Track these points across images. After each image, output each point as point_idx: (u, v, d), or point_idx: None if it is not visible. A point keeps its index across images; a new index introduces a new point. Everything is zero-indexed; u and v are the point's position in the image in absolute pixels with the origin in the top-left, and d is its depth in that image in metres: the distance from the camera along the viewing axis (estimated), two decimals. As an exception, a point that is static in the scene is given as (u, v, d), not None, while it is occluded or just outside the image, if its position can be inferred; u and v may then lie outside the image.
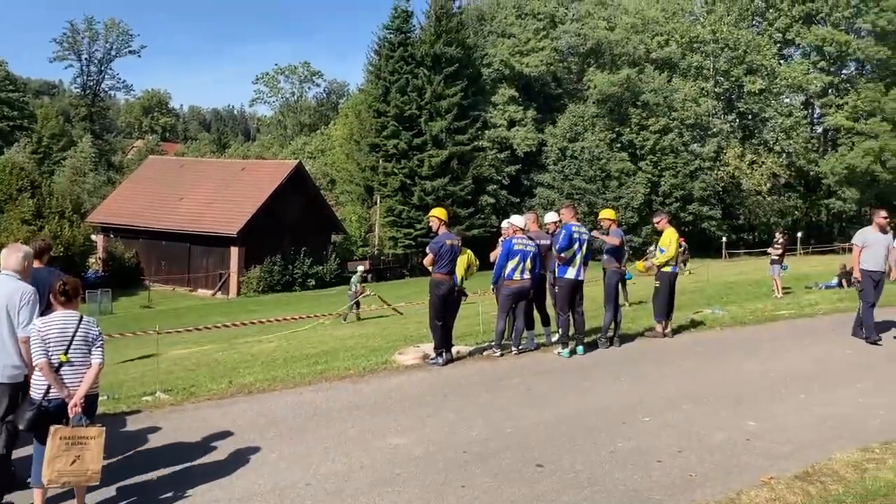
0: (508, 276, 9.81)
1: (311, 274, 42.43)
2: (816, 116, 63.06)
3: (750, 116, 59.08)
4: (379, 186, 52.13)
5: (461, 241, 9.88)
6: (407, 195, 51.15)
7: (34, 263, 5.95)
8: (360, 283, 25.11)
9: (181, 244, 41.70)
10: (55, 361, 4.96)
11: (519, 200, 53.54)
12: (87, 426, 4.94)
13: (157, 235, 42.09)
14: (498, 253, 10.16)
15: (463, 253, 9.92)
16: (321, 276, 42.97)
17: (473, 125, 52.39)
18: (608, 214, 10.97)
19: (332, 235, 47.81)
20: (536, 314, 10.94)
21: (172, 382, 10.61)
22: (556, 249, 9.99)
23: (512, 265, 9.79)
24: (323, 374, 9.37)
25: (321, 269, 43.14)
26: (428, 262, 9.61)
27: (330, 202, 52.21)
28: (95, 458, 4.89)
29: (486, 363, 9.75)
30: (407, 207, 50.89)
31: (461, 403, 7.79)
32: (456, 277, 9.65)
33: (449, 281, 9.50)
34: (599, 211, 11.70)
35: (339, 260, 45.40)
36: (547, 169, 54.90)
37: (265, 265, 40.57)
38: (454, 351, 10.03)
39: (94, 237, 41.98)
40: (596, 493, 5.34)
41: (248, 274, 40.35)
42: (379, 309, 24.93)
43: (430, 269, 9.66)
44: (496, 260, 10.11)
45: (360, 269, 27.16)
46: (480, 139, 52.97)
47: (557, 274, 10.06)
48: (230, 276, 40.53)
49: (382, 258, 49.86)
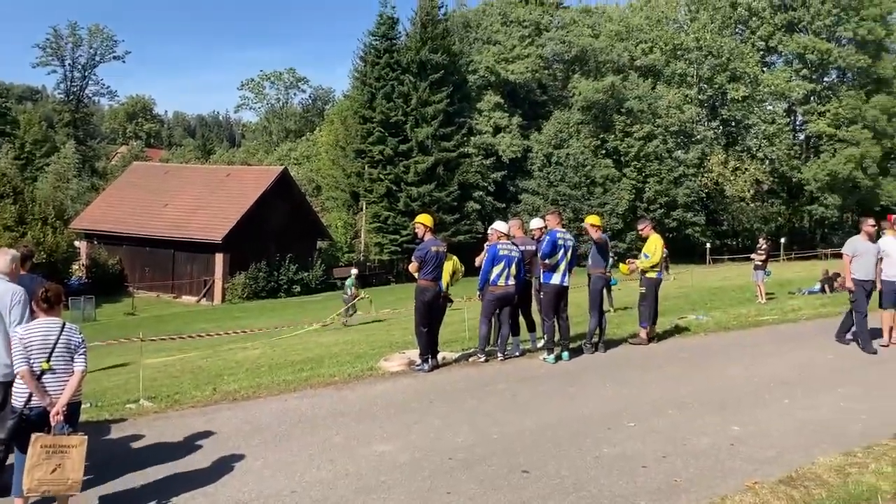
0: (493, 281, 9.84)
1: (296, 280, 42.26)
2: (799, 123, 63.60)
3: (733, 123, 59.52)
4: (365, 192, 52.08)
5: (447, 247, 9.89)
6: (393, 201, 51.12)
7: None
8: (354, 286, 25.28)
9: (165, 251, 41.42)
10: (37, 369, 4.92)
11: (504, 206, 53.63)
12: (68, 434, 4.90)
13: (141, 242, 41.79)
14: (483, 258, 10.18)
15: (448, 259, 9.94)
16: (306, 282, 42.81)
17: (459, 131, 52.45)
18: (593, 220, 11.01)
19: (317, 242, 47.64)
20: (522, 320, 10.97)
21: (156, 390, 10.54)
22: (540, 255, 10.03)
23: (497, 271, 9.81)
24: (308, 380, 9.34)
25: (307, 275, 42.97)
26: (413, 268, 9.60)
27: (315, 208, 52.03)
28: (77, 466, 4.85)
29: (471, 369, 9.74)
30: (393, 213, 50.86)
31: (447, 410, 7.78)
32: (441, 284, 9.66)
33: (434, 287, 9.50)
34: (585, 217, 11.73)
35: (324, 266, 45.25)
36: (532, 175, 55.06)
37: (250, 272, 40.37)
38: (440, 357, 10.03)
39: (77, 244, 41.64)
40: (581, 498, 5.35)
41: (232, 280, 40.13)
42: (364, 315, 24.94)
43: (415, 275, 9.66)
44: (482, 265, 10.12)
45: (354, 272, 27.28)
46: (466, 145, 53.05)
47: (542, 280, 10.08)
48: (215, 282, 40.31)
49: (368, 264, 49.78)
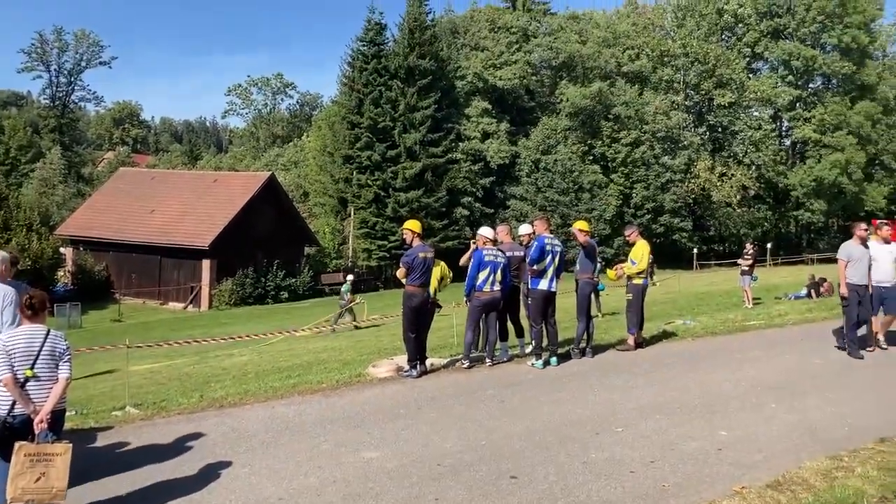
0: (479, 287, 9.85)
1: (283, 286, 42.11)
2: (785, 129, 64.05)
3: (720, 129, 59.88)
4: (352, 198, 52.02)
5: (434, 253, 9.89)
6: (381, 207, 51.09)
7: (-1, 276, 5.94)
8: (349, 291, 25.43)
9: (152, 257, 41.20)
10: (21, 376, 4.87)
11: (493, 212, 53.67)
12: (52, 442, 4.86)
13: (127, 248, 41.53)
14: (470, 255, 10.19)
15: (436, 265, 9.94)
16: (294, 288, 42.67)
17: (447, 137, 52.51)
18: (581, 226, 11.04)
19: (305, 248, 47.52)
20: (510, 325, 10.98)
21: (143, 397, 10.48)
22: (528, 261, 10.05)
23: (483, 276, 9.83)
24: (295, 387, 9.31)
25: (294, 281, 42.84)
26: (401, 274, 9.60)
27: (303, 214, 51.94)
28: (61, 475, 4.80)
29: (459, 375, 9.74)
30: (381, 219, 50.81)
31: (435, 416, 7.77)
32: (429, 290, 9.66)
33: (421, 293, 9.49)
34: (573, 222, 11.76)
35: (312, 272, 45.13)
36: (520, 181, 55.18)
37: (237, 278, 40.21)
38: (428, 363, 10.02)
39: (62, 250, 41.34)
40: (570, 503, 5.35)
41: (219, 287, 39.95)
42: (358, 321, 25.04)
43: (402, 281, 9.66)
44: (468, 263, 10.13)
45: (350, 278, 27.41)
46: (454, 151, 53.10)
47: (530, 286, 10.10)
48: (202, 288, 40.11)
49: (356, 270, 49.68)
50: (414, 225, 9.78)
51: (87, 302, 36.04)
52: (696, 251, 53.49)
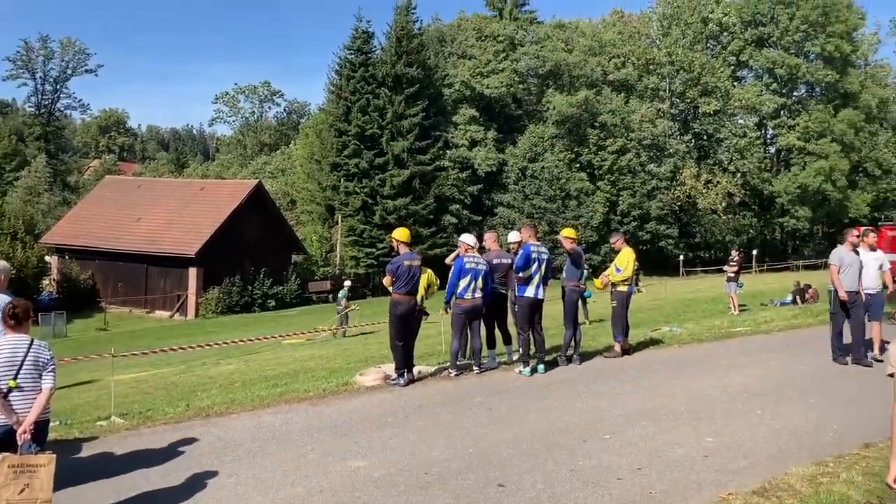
0: (460, 294, 9.87)
1: (270, 294, 41.98)
2: (769, 137, 64.47)
3: (705, 137, 60.23)
4: (340, 206, 51.96)
5: (421, 260, 9.88)
6: (368, 214, 51.06)
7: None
8: (346, 298, 25.52)
9: (138, 265, 40.97)
10: (3, 387, 4.84)
11: (480, 219, 53.75)
12: (36, 453, 4.82)
13: (113, 256, 41.30)
14: (455, 257, 10.23)
15: (423, 272, 9.93)
16: (281, 296, 42.54)
17: (435, 145, 52.58)
18: (568, 233, 11.07)
19: (292, 255, 47.41)
20: (498, 333, 10.98)
21: (128, 406, 10.40)
22: (514, 269, 10.09)
23: (464, 284, 9.84)
24: (282, 396, 9.27)
25: (281, 289, 42.71)
26: (387, 282, 9.61)
27: (290, 222, 51.81)
28: (45, 486, 4.76)
29: (447, 383, 9.73)
30: (369, 227, 50.76)
31: (423, 424, 7.75)
32: (416, 297, 9.66)
33: (408, 301, 9.48)
34: (560, 229, 11.79)
35: (299, 280, 45.02)
36: (508, 188, 55.31)
37: (224, 286, 40.05)
38: (416, 371, 10.00)
39: (47, 258, 41.06)
40: (557, 512, 5.35)
41: (206, 295, 39.78)
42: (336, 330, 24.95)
43: (389, 289, 9.66)
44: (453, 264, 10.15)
45: (347, 284, 27.36)
46: (442, 159, 53.16)
47: (517, 293, 10.13)
48: (188, 297, 39.91)
49: (344, 278, 49.55)
50: (399, 233, 9.79)
51: (72, 311, 35.82)
52: (682, 258, 53.75)
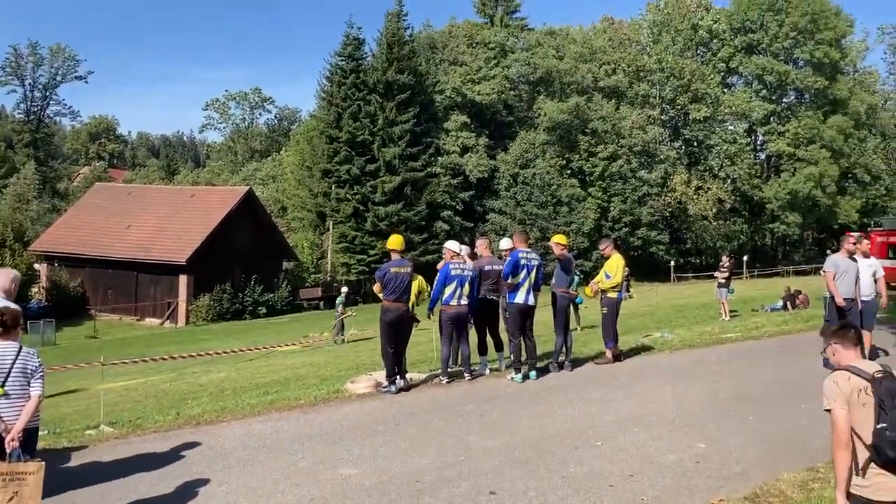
0: (446, 301, 9.87)
1: (261, 302, 41.85)
2: (759, 143, 64.84)
3: (695, 143, 60.47)
4: (331, 212, 51.87)
5: (412, 267, 9.84)
6: (360, 221, 50.98)
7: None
8: (342, 304, 25.46)
9: (128, 272, 40.80)
10: (-9, 395, 4.79)
11: (472, 226, 53.76)
12: (25, 461, 4.78)
13: (103, 264, 41.10)
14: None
15: (413, 279, 9.92)
16: (272, 303, 42.42)
17: (426, 151, 52.59)
18: (559, 239, 11.08)
19: (283, 262, 47.31)
20: (490, 339, 10.96)
21: (118, 415, 10.33)
22: (502, 276, 10.12)
23: (449, 291, 9.84)
24: (273, 404, 9.23)
25: (272, 296, 42.59)
26: (377, 289, 9.63)
27: (281, 228, 51.73)
28: (34, 494, 4.73)
29: (438, 390, 9.71)
30: (360, 233, 50.68)
31: (414, 432, 7.73)
32: (406, 304, 9.63)
33: (396, 308, 9.44)
34: (551, 236, 11.80)
35: (290, 287, 44.91)
36: (499, 195, 55.33)
37: (215, 293, 39.91)
38: (408, 378, 9.98)
39: (36, 266, 40.84)
40: (549, 519, 5.33)
41: (196, 302, 39.62)
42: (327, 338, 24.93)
43: (379, 296, 9.65)
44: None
45: (343, 290, 27.28)
46: (433, 165, 53.16)
47: (508, 300, 10.13)
48: (179, 304, 39.76)
49: (335, 285, 49.47)
50: (390, 241, 9.85)
51: (61, 319, 35.60)
52: (673, 264, 53.78)
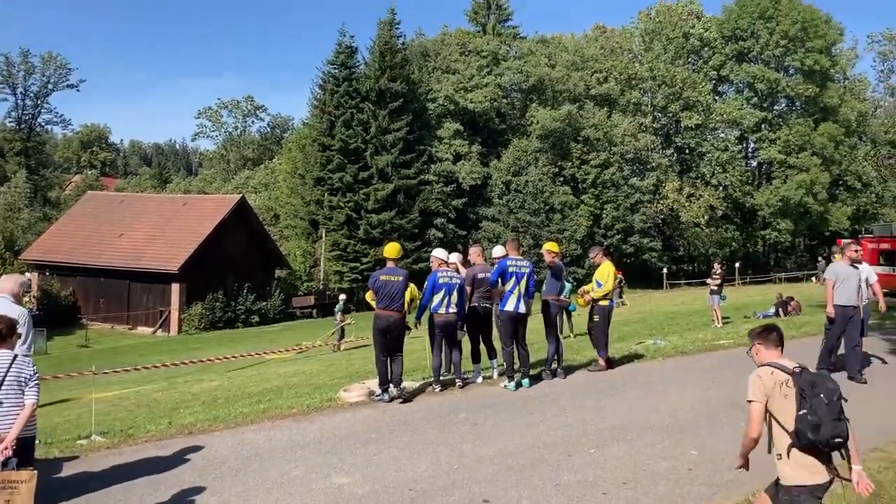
0: (434, 309, 9.86)
1: (254, 310, 41.72)
2: (751, 150, 65.08)
3: (687, 151, 60.71)
4: (324, 220, 51.85)
5: (404, 276, 9.71)
6: (353, 229, 50.99)
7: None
8: (342, 311, 25.59)
9: (120, 281, 40.62)
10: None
11: (465, 233, 53.81)
12: (17, 470, 4.76)
13: (95, 272, 40.93)
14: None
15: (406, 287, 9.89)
16: (265, 312, 42.30)
17: (419, 159, 52.69)
18: (550, 247, 11.10)
19: (276, 271, 47.20)
20: (483, 347, 10.95)
21: (109, 424, 10.27)
22: (489, 283, 10.13)
23: (437, 299, 9.83)
24: (266, 413, 9.20)
25: (265, 304, 42.48)
26: (369, 297, 9.62)
27: (274, 237, 51.65)
28: (26, 502, 4.70)
29: (432, 398, 9.70)
30: (353, 241, 50.69)
31: (407, 440, 7.72)
32: (396, 313, 9.58)
33: (386, 316, 9.41)
34: (544, 243, 11.82)
35: (283, 296, 44.80)
36: (492, 202, 55.41)
37: (207, 302, 39.76)
38: (402, 387, 9.94)
39: (28, 275, 40.61)
40: (542, 527, 5.33)
41: (189, 311, 39.48)
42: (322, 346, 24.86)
43: (372, 304, 9.64)
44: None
45: (342, 297, 27.26)
46: (426, 173, 53.27)
47: (499, 307, 10.14)
48: (171, 313, 39.61)
49: (328, 293, 49.37)
50: (386, 249, 9.87)
51: (53, 328, 35.39)
52: (665, 271, 53.99)
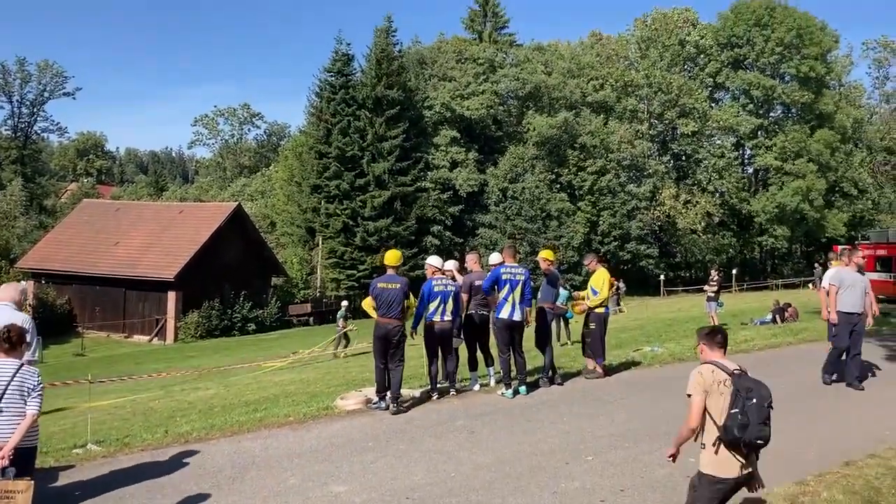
0: (429, 317, 9.83)
1: (250, 318, 41.63)
2: (747, 157, 65.22)
3: (684, 157, 60.84)
4: (321, 228, 51.82)
5: (403, 283, 9.56)
6: (349, 236, 50.96)
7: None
8: (343, 318, 25.63)
9: (116, 289, 40.56)
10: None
11: (462, 241, 53.76)
12: (15, 480, 4.74)
13: (91, 281, 40.86)
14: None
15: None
16: (261, 320, 42.23)
17: (416, 166, 52.71)
18: (546, 255, 11.09)
19: (272, 278, 47.14)
20: (480, 355, 10.93)
21: (105, 433, 10.23)
22: (483, 291, 10.11)
23: (433, 307, 9.81)
24: (262, 421, 9.17)
25: (261, 312, 42.40)
26: (366, 303, 9.58)
27: (270, 244, 51.55)
28: (23, 512, 4.69)
29: (429, 406, 9.68)
30: (350, 248, 50.64)
31: (404, 448, 7.70)
32: (392, 321, 9.54)
33: (384, 323, 9.34)
34: (540, 250, 11.82)
35: (279, 303, 44.72)
36: (489, 209, 55.41)
37: (203, 310, 39.67)
38: (401, 394, 9.92)
39: (23, 283, 40.50)
40: (540, 535, 5.31)
41: (185, 319, 39.40)
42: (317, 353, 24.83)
43: (368, 310, 9.60)
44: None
45: (344, 304, 27.26)
46: (423, 180, 53.28)
47: (495, 314, 10.11)
48: (167, 321, 39.52)
49: (325, 300, 49.28)
50: (386, 256, 9.89)
51: (48, 336, 35.20)
52: (662, 277, 54.00)
